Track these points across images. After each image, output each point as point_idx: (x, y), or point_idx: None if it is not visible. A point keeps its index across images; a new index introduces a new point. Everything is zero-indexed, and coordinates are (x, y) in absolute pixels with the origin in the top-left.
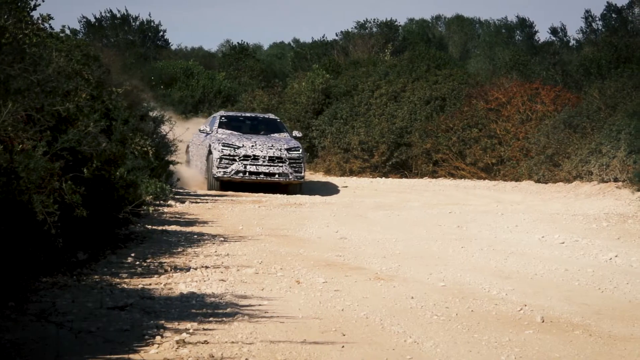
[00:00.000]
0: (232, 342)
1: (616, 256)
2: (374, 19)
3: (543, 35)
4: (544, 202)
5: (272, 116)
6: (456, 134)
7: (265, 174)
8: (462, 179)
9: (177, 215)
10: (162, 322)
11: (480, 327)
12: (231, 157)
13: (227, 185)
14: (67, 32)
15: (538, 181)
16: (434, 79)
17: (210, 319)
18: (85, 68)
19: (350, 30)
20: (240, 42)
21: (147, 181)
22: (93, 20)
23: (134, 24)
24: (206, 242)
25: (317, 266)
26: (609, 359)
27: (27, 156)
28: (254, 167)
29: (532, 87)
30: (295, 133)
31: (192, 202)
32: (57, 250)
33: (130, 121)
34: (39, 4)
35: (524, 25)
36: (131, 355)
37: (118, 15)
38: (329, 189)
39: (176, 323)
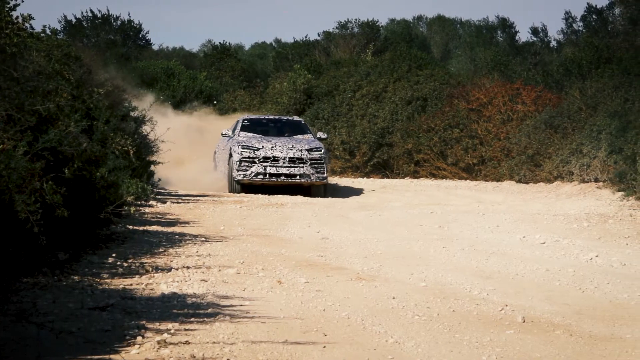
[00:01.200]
0: (214, 343)
1: (597, 256)
2: (356, 19)
3: (524, 36)
4: (525, 202)
5: (296, 118)
6: (437, 134)
7: (286, 175)
8: (444, 179)
9: (158, 216)
10: (144, 322)
11: (461, 327)
12: (251, 160)
13: (248, 188)
14: (48, 32)
15: (519, 181)
16: (415, 79)
17: (192, 319)
18: (65, 68)
19: (331, 30)
20: (222, 42)
21: (128, 181)
22: (73, 20)
23: (115, 23)
24: (187, 242)
25: (298, 266)
26: (589, 359)
27: (7, 156)
28: (274, 168)
29: (513, 87)
30: (320, 134)
31: (174, 202)
32: (38, 251)
33: (112, 121)
34: (19, 4)
35: (505, 25)
36: (112, 356)
37: (99, 15)
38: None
39: (157, 323)
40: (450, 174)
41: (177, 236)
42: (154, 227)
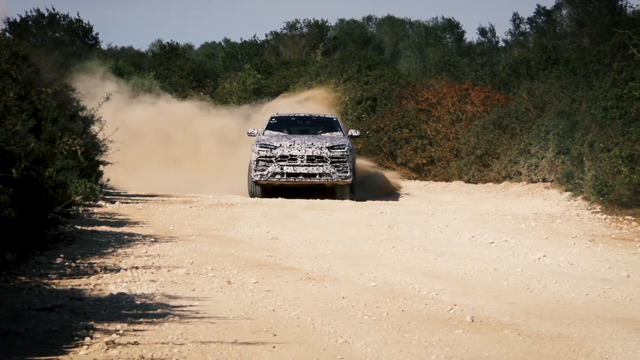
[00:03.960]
0: (163, 343)
1: (544, 256)
2: (304, 20)
3: (472, 37)
4: (474, 202)
5: (328, 115)
6: (387, 134)
7: (305, 174)
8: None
9: (107, 216)
10: (92, 323)
11: (410, 326)
12: (268, 159)
13: (269, 191)
14: None
15: (468, 181)
16: (365, 80)
17: (141, 319)
18: (14, 67)
19: (280, 30)
20: (170, 42)
21: (76, 181)
22: (19, 20)
23: (62, 22)
24: (137, 242)
25: (248, 266)
26: (537, 358)
27: None
28: (291, 167)
29: (462, 87)
30: (352, 132)
31: (123, 203)
32: None
33: (60, 120)
34: None
35: (452, 26)
36: (60, 357)
37: (46, 14)
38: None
39: (106, 324)
40: (399, 173)
41: (126, 236)
42: (103, 228)
